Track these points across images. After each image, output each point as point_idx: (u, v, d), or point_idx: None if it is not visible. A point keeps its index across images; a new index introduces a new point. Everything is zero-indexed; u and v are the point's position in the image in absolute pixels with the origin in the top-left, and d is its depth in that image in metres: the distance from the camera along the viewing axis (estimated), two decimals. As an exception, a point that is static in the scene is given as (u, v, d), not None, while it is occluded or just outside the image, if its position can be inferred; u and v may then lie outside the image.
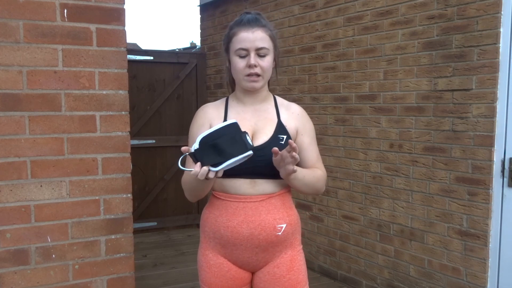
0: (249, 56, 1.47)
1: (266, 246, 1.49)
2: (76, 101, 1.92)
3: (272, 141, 1.49)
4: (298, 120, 1.58)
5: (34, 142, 1.86)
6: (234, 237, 1.48)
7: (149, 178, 4.77)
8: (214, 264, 1.54)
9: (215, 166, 1.28)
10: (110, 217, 2.00)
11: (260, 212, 1.48)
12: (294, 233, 1.55)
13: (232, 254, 1.52)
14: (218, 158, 1.28)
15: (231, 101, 1.59)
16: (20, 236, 1.86)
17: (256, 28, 1.47)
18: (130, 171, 2.04)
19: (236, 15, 4.38)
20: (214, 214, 1.54)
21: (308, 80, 3.64)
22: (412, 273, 2.93)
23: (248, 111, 1.55)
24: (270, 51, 1.50)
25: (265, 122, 1.54)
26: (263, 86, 1.54)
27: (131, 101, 2.17)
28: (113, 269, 2.02)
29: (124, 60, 1.99)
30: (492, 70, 2.45)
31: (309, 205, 3.70)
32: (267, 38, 1.48)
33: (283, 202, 1.52)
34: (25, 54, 1.83)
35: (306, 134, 1.58)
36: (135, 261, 2.09)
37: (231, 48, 1.50)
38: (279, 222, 1.49)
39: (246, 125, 1.51)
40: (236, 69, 1.50)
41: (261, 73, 1.49)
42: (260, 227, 1.47)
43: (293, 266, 1.54)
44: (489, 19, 2.45)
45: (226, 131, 1.29)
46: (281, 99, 1.64)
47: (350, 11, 3.25)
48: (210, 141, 1.28)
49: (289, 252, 1.54)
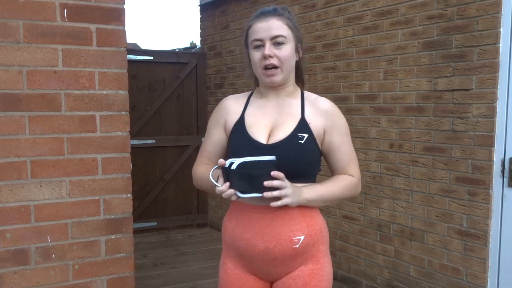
0: (264, 47, 1.37)
1: (283, 260, 1.39)
2: (76, 101, 1.92)
3: (291, 139, 1.37)
4: (326, 117, 1.41)
5: (34, 142, 1.86)
6: (250, 250, 1.40)
7: (149, 178, 4.77)
8: (232, 274, 1.47)
9: (242, 193, 1.27)
10: (110, 217, 2.00)
11: (275, 224, 1.36)
12: (316, 245, 1.41)
13: (251, 265, 1.44)
14: (247, 187, 1.26)
15: (254, 95, 1.50)
16: (20, 236, 1.86)
17: (271, 17, 1.38)
18: (130, 171, 2.04)
19: (236, 15, 4.39)
20: (232, 223, 1.46)
21: (308, 80, 3.64)
22: (412, 273, 2.93)
23: (269, 106, 1.44)
24: (289, 40, 1.38)
25: (286, 117, 1.41)
26: (285, 79, 1.42)
27: (131, 101, 2.17)
28: (113, 269, 2.01)
29: (124, 60, 1.99)
30: (492, 70, 2.45)
31: (309, 205, 3.70)
32: (284, 26, 1.37)
33: (302, 212, 1.38)
34: (25, 54, 1.83)
35: (335, 133, 1.41)
36: (135, 261, 2.09)
37: (248, 42, 1.42)
38: (296, 234, 1.37)
39: (266, 121, 1.42)
40: (254, 62, 1.41)
41: (279, 64, 1.37)
42: (275, 240, 1.36)
43: (311, 281, 1.39)
44: (489, 19, 2.45)
45: (265, 165, 1.27)
46: (309, 93, 1.50)
47: (350, 11, 3.25)
48: (247, 169, 1.26)
49: (310, 265, 1.41)
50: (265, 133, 1.41)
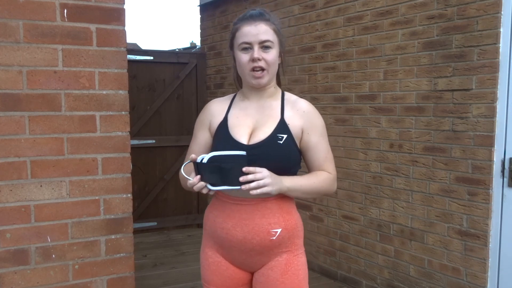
0: (252, 50, 1.43)
1: (260, 250, 1.47)
2: (76, 101, 1.92)
3: (270, 139, 1.44)
4: (304, 118, 1.49)
5: (34, 142, 1.86)
6: (229, 239, 1.49)
7: (149, 178, 4.77)
8: (213, 262, 1.56)
9: (212, 185, 1.34)
10: (110, 217, 2.00)
11: (254, 216, 1.45)
12: (291, 238, 1.51)
13: (229, 255, 1.53)
14: (218, 180, 1.33)
15: (237, 97, 1.57)
16: (20, 236, 1.86)
17: (259, 22, 1.44)
18: (130, 171, 2.04)
19: (236, 15, 4.38)
20: (213, 214, 1.55)
21: (308, 80, 3.64)
22: (412, 273, 2.93)
23: (251, 108, 1.51)
24: (275, 45, 1.46)
25: (267, 119, 1.48)
26: (270, 81, 1.49)
27: (131, 101, 2.17)
28: (113, 269, 2.01)
29: (124, 60, 1.99)
30: (492, 70, 2.45)
31: (309, 205, 3.70)
32: (271, 32, 1.45)
33: (280, 206, 1.47)
34: (25, 54, 1.83)
35: (313, 133, 1.49)
36: (135, 261, 2.09)
37: (235, 44, 1.48)
38: (274, 226, 1.45)
39: (248, 122, 1.48)
40: (241, 64, 1.46)
41: (266, 66, 1.44)
42: (253, 231, 1.45)
43: (288, 269, 1.49)
44: (489, 19, 2.45)
45: (236, 159, 1.33)
46: (290, 94, 1.57)
47: (350, 11, 3.25)
48: (218, 162, 1.32)
49: (285, 256, 1.50)
50: (246, 134, 1.48)
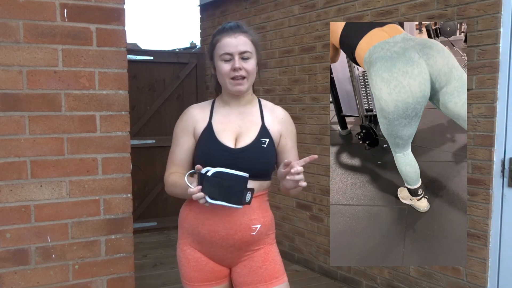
0: (233, 60, 1.53)
1: (240, 245, 1.57)
2: (76, 101, 1.92)
3: (255, 143, 1.56)
4: (281, 124, 1.63)
5: (34, 142, 1.86)
6: (211, 236, 1.56)
7: (149, 178, 4.77)
8: (193, 259, 1.62)
9: (212, 198, 1.39)
10: (110, 217, 2.00)
11: (236, 213, 1.54)
12: (267, 233, 1.63)
13: (209, 251, 1.60)
14: (217, 195, 1.39)
15: (217, 104, 1.66)
16: (20, 236, 1.86)
17: (238, 34, 1.55)
18: (130, 171, 2.04)
19: (236, 15, 4.39)
20: (194, 211, 1.60)
21: (308, 80, 3.64)
22: (412, 273, 2.93)
23: (233, 114, 1.62)
24: (253, 55, 1.57)
25: (249, 125, 1.60)
26: (248, 89, 1.60)
27: (131, 101, 2.17)
28: (113, 269, 2.02)
29: (124, 60, 1.99)
30: (492, 70, 2.45)
31: (309, 205, 3.70)
32: (249, 43, 1.56)
33: (259, 204, 1.59)
34: (25, 54, 1.83)
35: (289, 138, 1.64)
36: (135, 261, 2.09)
37: (215, 54, 1.57)
38: (254, 222, 1.57)
39: (232, 127, 1.58)
40: (222, 73, 1.56)
41: (246, 75, 1.55)
42: (235, 227, 1.54)
43: (267, 257, 1.61)
44: (489, 19, 2.45)
45: (238, 179, 1.41)
46: (265, 101, 1.69)
47: (350, 11, 3.25)
48: (221, 179, 1.39)
49: (262, 248, 1.62)
50: (232, 139, 1.58)
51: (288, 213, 3.93)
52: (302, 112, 3.72)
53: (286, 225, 3.95)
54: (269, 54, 3.98)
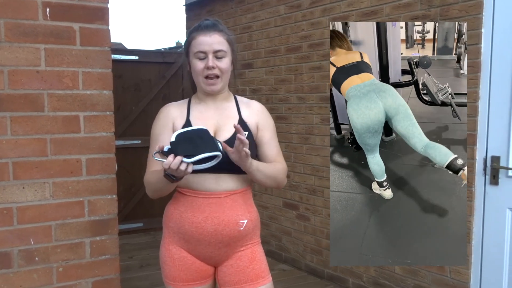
0: (207, 59, 1.54)
1: (228, 241, 1.57)
2: (59, 101, 1.89)
3: (234, 137, 1.53)
4: (258, 116, 1.65)
5: (16, 143, 1.83)
6: (199, 233, 1.55)
7: (135, 178, 4.72)
8: (178, 258, 1.61)
9: (188, 157, 1.35)
10: (94, 218, 1.98)
11: (224, 209, 1.55)
12: (254, 229, 1.64)
13: (195, 249, 1.59)
14: (191, 151, 1.35)
15: (193, 101, 1.66)
16: (2, 239, 1.82)
17: (214, 32, 1.55)
18: (115, 171, 2.03)
19: (222, 15, 4.39)
20: (179, 210, 1.59)
21: (294, 80, 3.65)
22: (397, 271, 2.97)
23: (210, 110, 1.62)
24: (228, 54, 1.58)
25: (227, 119, 1.60)
26: (223, 87, 1.61)
27: (117, 101, 2.15)
28: (98, 271, 1.99)
29: (108, 60, 1.97)
30: (474, 70, 2.49)
31: (296, 204, 3.71)
32: (224, 42, 1.57)
33: (244, 200, 1.61)
34: (7, 53, 1.80)
35: (266, 130, 1.65)
36: (121, 263, 2.07)
37: (190, 52, 1.58)
38: (241, 218, 1.57)
39: (209, 123, 1.58)
40: (196, 71, 1.57)
41: (220, 74, 1.56)
42: (223, 223, 1.55)
43: (254, 257, 1.62)
44: (471, 20, 2.49)
45: (200, 132, 1.40)
46: (241, 97, 1.70)
47: (336, 11, 3.27)
48: (186, 137, 1.37)
49: (249, 247, 1.63)
50: (211, 133, 1.55)
51: (275, 212, 3.93)
52: (288, 112, 3.73)
53: (273, 225, 3.96)
54: (255, 54, 3.98)
